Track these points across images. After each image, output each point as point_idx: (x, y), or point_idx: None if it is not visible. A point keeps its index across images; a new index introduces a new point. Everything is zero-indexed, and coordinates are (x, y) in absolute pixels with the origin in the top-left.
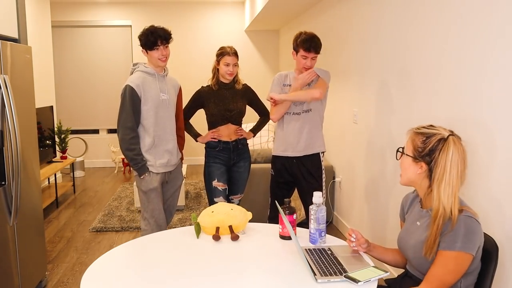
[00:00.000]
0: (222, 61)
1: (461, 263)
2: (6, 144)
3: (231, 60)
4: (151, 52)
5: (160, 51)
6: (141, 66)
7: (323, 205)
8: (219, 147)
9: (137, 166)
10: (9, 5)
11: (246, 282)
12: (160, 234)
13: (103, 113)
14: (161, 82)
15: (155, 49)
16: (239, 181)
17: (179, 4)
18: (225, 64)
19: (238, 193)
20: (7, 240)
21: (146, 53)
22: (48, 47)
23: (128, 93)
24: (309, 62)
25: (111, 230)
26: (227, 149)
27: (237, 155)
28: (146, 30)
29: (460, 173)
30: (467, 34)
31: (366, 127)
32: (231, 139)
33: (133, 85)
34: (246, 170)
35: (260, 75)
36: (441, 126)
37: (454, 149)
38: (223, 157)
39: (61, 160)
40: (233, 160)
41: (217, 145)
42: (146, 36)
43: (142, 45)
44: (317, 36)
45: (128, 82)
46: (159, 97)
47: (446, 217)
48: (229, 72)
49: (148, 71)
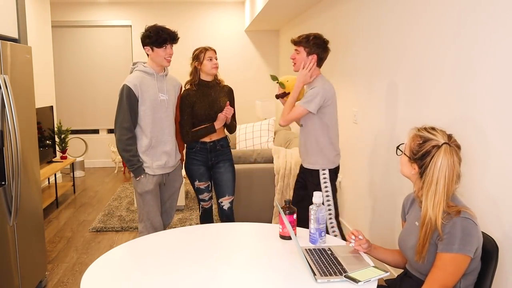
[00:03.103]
0: (206, 56)
1: (460, 265)
2: (6, 144)
3: (212, 53)
4: (158, 50)
5: (167, 50)
6: (140, 65)
7: (323, 205)
8: (195, 148)
9: (133, 167)
10: (9, 5)
11: (246, 282)
12: (160, 234)
13: (103, 113)
14: (160, 82)
15: (163, 47)
16: (222, 182)
17: (179, 4)
18: (209, 59)
19: (226, 195)
20: (7, 240)
21: (151, 50)
22: (48, 47)
23: (126, 93)
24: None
25: (111, 230)
26: (204, 149)
27: (215, 156)
28: (155, 27)
29: (447, 184)
30: (467, 35)
31: (366, 127)
32: (210, 139)
33: (131, 84)
34: (227, 171)
35: (260, 75)
36: (442, 130)
37: (444, 159)
38: (200, 157)
39: (61, 160)
40: (211, 161)
41: (194, 145)
42: (157, 32)
43: (151, 42)
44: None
45: (126, 81)
46: (157, 97)
47: (433, 226)
48: (214, 65)
49: (147, 70)
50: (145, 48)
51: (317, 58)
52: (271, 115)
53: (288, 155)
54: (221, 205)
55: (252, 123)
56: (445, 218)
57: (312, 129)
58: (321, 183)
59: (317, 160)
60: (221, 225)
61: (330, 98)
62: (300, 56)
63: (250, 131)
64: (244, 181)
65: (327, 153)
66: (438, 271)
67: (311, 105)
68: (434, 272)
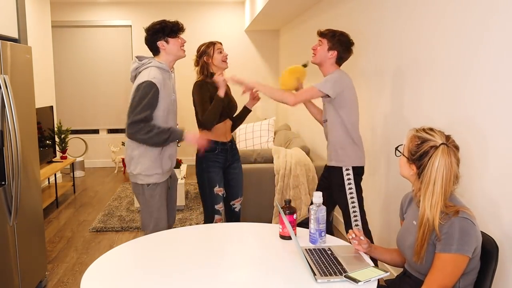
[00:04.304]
0: (215, 49)
1: (458, 265)
2: (6, 144)
3: (221, 46)
4: (174, 40)
5: (180, 39)
6: (155, 61)
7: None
8: (217, 149)
9: (172, 137)
10: (9, 5)
11: (246, 282)
12: (160, 234)
13: (103, 113)
14: (171, 80)
15: (177, 37)
16: (237, 183)
17: (179, 4)
18: (219, 51)
19: (238, 197)
20: (7, 240)
21: (166, 43)
22: (48, 47)
23: (154, 93)
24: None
25: (111, 230)
26: (224, 150)
27: (232, 156)
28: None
29: (444, 184)
30: (466, 36)
31: (366, 127)
32: (227, 138)
33: (159, 85)
34: (240, 170)
35: (260, 75)
36: (440, 131)
37: (442, 159)
38: (221, 159)
39: (61, 160)
40: (229, 161)
41: (215, 147)
42: (171, 22)
43: (166, 33)
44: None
45: (150, 78)
46: (170, 97)
47: (430, 226)
48: (224, 57)
49: (163, 67)
50: (159, 44)
51: (337, 56)
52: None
53: (288, 155)
54: (233, 207)
55: (252, 123)
56: (443, 218)
57: (334, 124)
58: (345, 183)
59: (339, 158)
60: (221, 225)
61: (348, 88)
62: (321, 49)
63: (250, 131)
64: (244, 181)
65: (350, 150)
66: (436, 271)
67: (325, 86)
68: (433, 273)
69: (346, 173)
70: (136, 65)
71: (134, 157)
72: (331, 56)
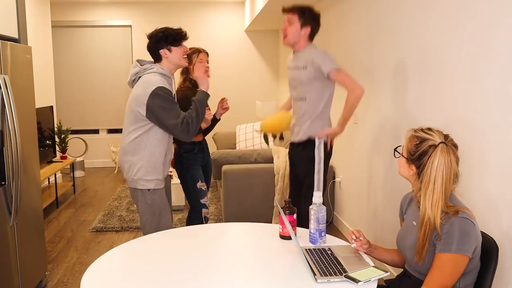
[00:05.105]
0: (198, 58)
1: (458, 265)
2: (6, 144)
3: (205, 56)
4: (176, 49)
5: (183, 48)
6: (157, 67)
7: (323, 205)
8: (196, 149)
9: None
10: (9, 5)
11: (246, 282)
12: (160, 234)
13: (103, 113)
14: (172, 86)
15: (180, 45)
16: (208, 179)
17: (179, 4)
18: (200, 61)
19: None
20: (7, 240)
21: (168, 52)
22: (48, 47)
23: (167, 92)
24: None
25: (111, 230)
26: (201, 148)
27: (207, 153)
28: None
29: (444, 183)
30: (466, 36)
31: (366, 127)
32: (201, 138)
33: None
34: (211, 168)
35: (260, 75)
36: (438, 131)
37: (441, 158)
38: (200, 157)
39: (61, 160)
40: (206, 159)
41: (194, 147)
42: (174, 30)
43: (169, 42)
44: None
45: (157, 84)
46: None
47: (432, 226)
48: (206, 68)
49: (166, 73)
50: (161, 52)
51: (310, 31)
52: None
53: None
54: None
55: (252, 123)
56: (443, 218)
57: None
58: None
59: (313, 129)
60: (221, 225)
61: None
62: (294, 28)
63: (250, 131)
64: (244, 181)
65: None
66: (436, 271)
67: (335, 62)
68: (433, 273)
69: (318, 142)
70: (137, 69)
71: (134, 162)
72: (304, 33)
